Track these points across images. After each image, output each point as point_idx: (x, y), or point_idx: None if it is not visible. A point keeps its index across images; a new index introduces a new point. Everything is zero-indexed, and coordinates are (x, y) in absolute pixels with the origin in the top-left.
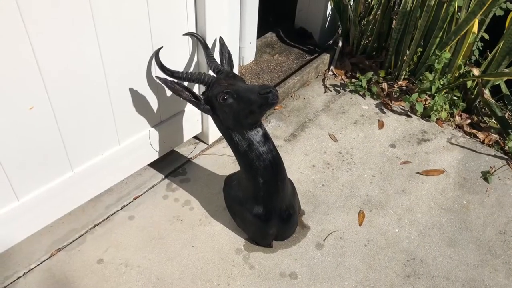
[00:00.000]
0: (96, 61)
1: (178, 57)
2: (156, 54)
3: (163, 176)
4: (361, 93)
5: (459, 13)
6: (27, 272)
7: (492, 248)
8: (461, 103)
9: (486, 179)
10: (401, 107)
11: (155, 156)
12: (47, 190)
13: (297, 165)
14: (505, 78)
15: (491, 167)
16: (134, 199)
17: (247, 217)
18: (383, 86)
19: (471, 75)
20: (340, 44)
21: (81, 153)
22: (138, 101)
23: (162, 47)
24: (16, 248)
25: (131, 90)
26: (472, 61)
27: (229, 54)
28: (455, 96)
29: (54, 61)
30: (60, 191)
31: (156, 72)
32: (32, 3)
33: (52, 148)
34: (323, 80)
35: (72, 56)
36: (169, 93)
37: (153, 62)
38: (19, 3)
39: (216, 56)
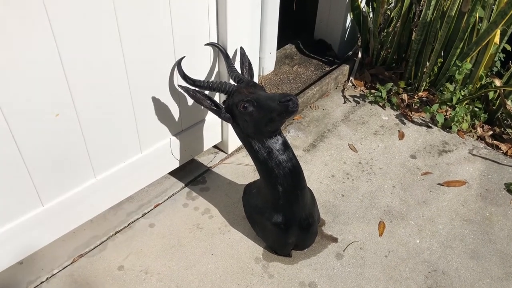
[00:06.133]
0: (120, 70)
1: (199, 67)
2: (178, 63)
3: (183, 185)
4: (380, 104)
5: (480, 24)
6: (50, 277)
7: None
8: (483, 114)
9: (509, 190)
10: (421, 118)
11: (176, 164)
12: (70, 196)
13: (317, 175)
14: None
15: None
16: (155, 207)
17: (266, 226)
18: (403, 97)
19: (493, 86)
20: (359, 55)
21: (104, 161)
22: (160, 110)
23: (184, 56)
24: (40, 253)
25: (153, 99)
26: (494, 72)
27: (250, 64)
28: (476, 107)
29: (80, 69)
30: (83, 197)
31: (178, 81)
32: (61, 13)
33: (76, 154)
34: (343, 91)
35: (97, 64)
36: (190, 102)
37: (176, 71)
38: (49, 14)
39: (237, 65)
